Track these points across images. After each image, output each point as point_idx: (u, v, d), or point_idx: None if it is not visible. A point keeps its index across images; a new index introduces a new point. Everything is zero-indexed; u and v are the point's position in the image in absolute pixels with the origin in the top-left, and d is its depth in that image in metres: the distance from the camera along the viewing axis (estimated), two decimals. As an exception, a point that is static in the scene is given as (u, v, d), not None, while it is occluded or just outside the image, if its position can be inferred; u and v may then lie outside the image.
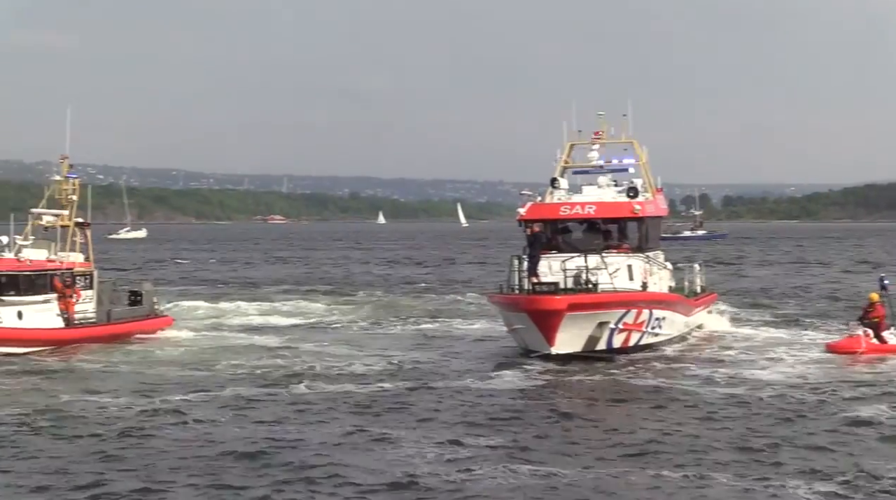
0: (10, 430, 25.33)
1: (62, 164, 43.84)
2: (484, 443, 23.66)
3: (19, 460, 22.50)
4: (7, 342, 38.02)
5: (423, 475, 20.79)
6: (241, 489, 20.06)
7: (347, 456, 22.45)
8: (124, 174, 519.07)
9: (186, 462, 22.04)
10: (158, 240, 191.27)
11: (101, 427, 25.37)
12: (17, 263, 39.95)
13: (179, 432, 25.03)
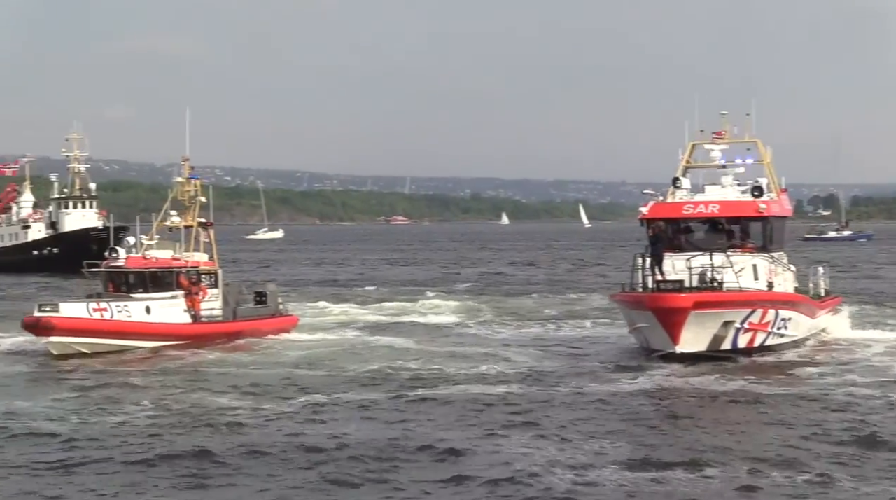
0: (138, 425, 25.86)
1: (184, 166, 44.78)
2: (603, 447, 23.40)
3: (142, 454, 22.90)
4: (135, 336, 39.10)
5: (543, 479, 20.64)
6: (361, 491, 20.20)
7: (468, 459, 22.41)
8: (250, 176, 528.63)
9: (310, 464, 22.19)
10: (294, 241, 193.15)
11: (226, 427, 25.67)
12: (143, 260, 41.05)
13: (304, 432, 25.17)
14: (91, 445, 23.81)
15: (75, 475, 21.26)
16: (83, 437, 24.60)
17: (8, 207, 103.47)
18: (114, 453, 22.94)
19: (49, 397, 29.61)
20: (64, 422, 26.19)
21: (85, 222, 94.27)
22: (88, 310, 38.50)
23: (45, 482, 20.91)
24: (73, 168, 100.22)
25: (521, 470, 21.26)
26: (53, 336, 37.85)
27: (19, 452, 23.14)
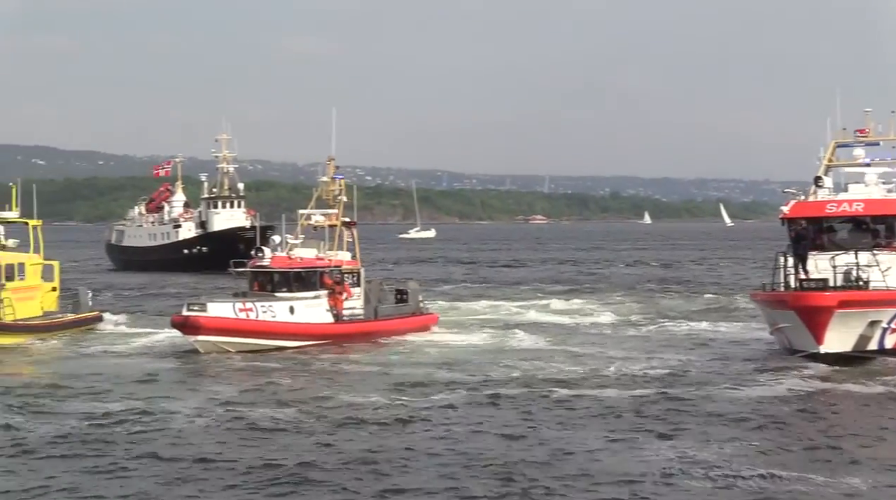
0: (283, 423, 26.38)
1: (329, 165, 45.55)
2: (742, 450, 23.16)
3: (283, 451, 23.47)
4: (279, 336, 39.89)
5: (679, 481, 20.61)
6: (493, 490, 20.32)
7: (602, 461, 22.41)
8: (390, 175, 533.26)
9: (444, 461, 22.46)
10: (445, 239, 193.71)
11: (369, 425, 26.04)
12: (288, 260, 41.82)
13: (440, 431, 25.41)
14: (234, 442, 24.30)
15: (214, 471, 21.70)
16: (226, 435, 25.13)
17: (160, 207, 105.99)
18: (260, 451, 23.39)
19: (193, 395, 30.37)
20: (208, 419, 26.81)
21: (233, 222, 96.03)
22: (235, 310, 39.31)
23: (188, 475, 21.46)
24: (221, 168, 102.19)
25: (656, 472, 21.22)
26: (201, 335, 38.72)
27: (161, 448, 23.67)
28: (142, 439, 24.52)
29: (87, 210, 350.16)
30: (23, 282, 43.37)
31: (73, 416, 27.08)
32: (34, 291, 44.14)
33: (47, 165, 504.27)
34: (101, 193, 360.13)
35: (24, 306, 42.88)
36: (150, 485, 20.69)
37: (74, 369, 35.44)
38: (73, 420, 26.52)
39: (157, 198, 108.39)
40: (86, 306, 46.41)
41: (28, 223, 45.99)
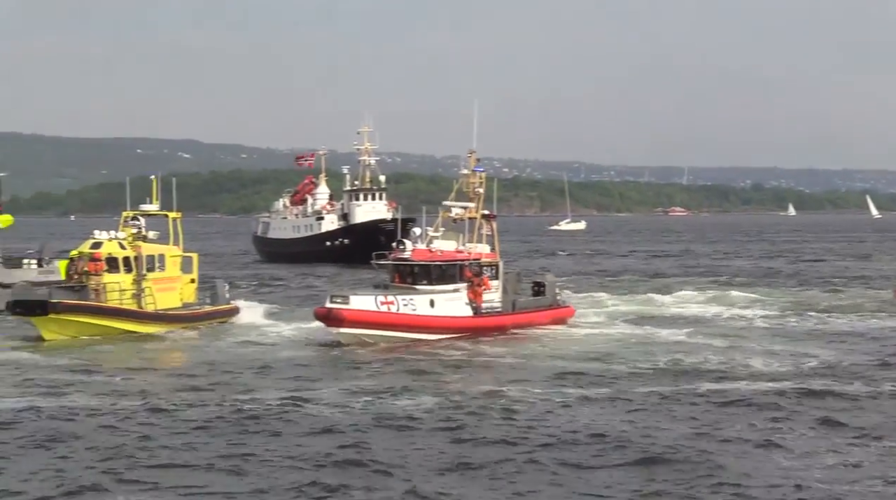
0: (425, 415, 26.11)
1: (469, 158, 45.20)
2: (876, 451, 22.34)
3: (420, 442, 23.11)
4: (419, 329, 39.86)
5: (814, 483, 19.85)
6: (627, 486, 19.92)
7: (737, 458, 21.77)
8: (528, 167, 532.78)
9: (580, 456, 22.01)
10: (596, 232, 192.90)
11: (517, 417, 25.72)
12: (429, 253, 41.65)
13: (572, 424, 24.96)
14: (374, 432, 24.19)
15: (367, 467, 21.50)
16: (366, 424, 25.01)
17: (304, 199, 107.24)
18: (400, 443, 23.23)
19: (333, 387, 30.33)
20: (347, 410, 26.71)
21: (375, 214, 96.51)
22: (376, 303, 39.50)
23: (332, 465, 21.32)
24: (363, 161, 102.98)
25: (788, 471, 20.62)
26: (343, 327, 39.04)
27: (302, 437, 23.72)
28: (282, 429, 24.50)
29: (231, 202, 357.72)
30: (163, 273, 44.06)
31: (213, 405, 27.25)
32: (174, 282, 44.77)
33: (192, 159, 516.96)
34: (244, 185, 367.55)
35: (164, 297, 43.57)
36: (289, 475, 20.60)
37: (212, 359, 35.82)
38: (214, 408, 26.75)
39: (302, 190, 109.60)
40: (223, 299, 46.95)
41: (168, 216, 46.71)
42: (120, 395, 28.67)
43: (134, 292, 42.32)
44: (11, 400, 27.78)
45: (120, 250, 42.54)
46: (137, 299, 42.45)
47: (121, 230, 43.70)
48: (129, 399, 28.02)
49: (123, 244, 42.89)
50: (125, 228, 43.86)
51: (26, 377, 31.63)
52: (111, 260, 42.07)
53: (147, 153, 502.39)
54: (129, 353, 36.95)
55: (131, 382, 30.94)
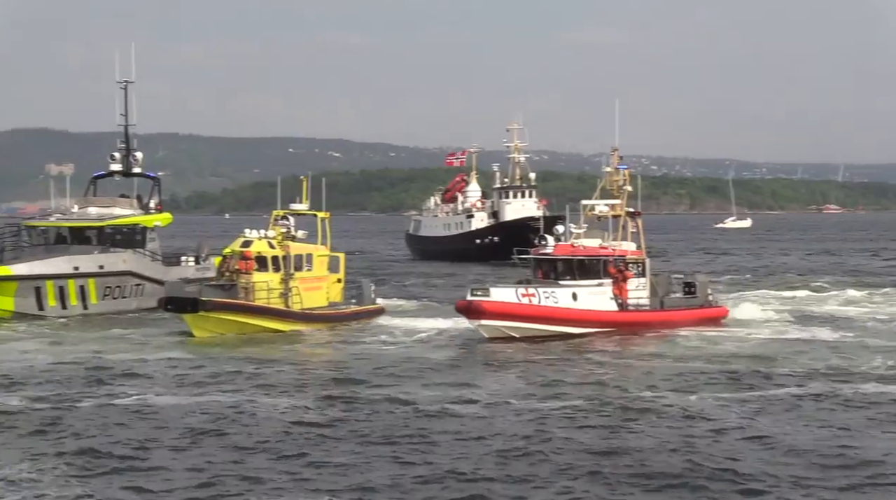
0: (570, 412, 25.89)
1: (613, 155, 44.88)
2: None
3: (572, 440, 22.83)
4: (561, 322, 39.83)
5: None
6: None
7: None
8: (676, 165, 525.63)
9: (739, 461, 21.50)
10: (764, 230, 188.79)
11: (662, 419, 25.38)
12: (571, 248, 41.56)
13: (751, 430, 24.42)
14: (520, 431, 24.02)
15: (514, 463, 21.39)
16: (508, 418, 24.95)
17: (455, 197, 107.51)
18: (553, 442, 23.05)
19: (475, 385, 30.30)
20: (490, 405, 26.64)
21: (524, 212, 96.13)
22: (517, 295, 39.50)
23: (470, 459, 21.22)
24: (513, 158, 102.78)
25: None
26: (484, 320, 39.14)
27: (443, 430, 23.86)
28: (429, 425, 24.63)
29: (380, 201, 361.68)
30: (310, 272, 44.56)
31: (360, 401, 27.56)
32: (321, 281, 45.26)
33: (342, 157, 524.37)
34: (393, 183, 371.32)
35: (311, 296, 44.08)
36: (439, 471, 20.69)
37: (354, 358, 36.06)
38: (361, 405, 27.07)
39: (453, 188, 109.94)
40: (368, 298, 47.33)
41: (316, 215, 47.30)
42: (263, 393, 29.04)
43: (282, 291, 42.96)
44: (163, 396, 28.42)
45: (269, 249, 43.20)
46: (285, 298, 43.05)
47: (270, 229, 44.41)
48: (270, 397, 28.36)
49: (273, 243, 43.53)
50: (275, 228, 44.53)
51: (176, 373, 32.37)
52: (260, 259, 42.74)
53: (298, 152, 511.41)
54: (274, 351, 37.48)
55: (275, 380, 31.33)
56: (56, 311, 47.97)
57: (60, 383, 30.52)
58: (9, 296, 47.00)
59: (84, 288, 49.06)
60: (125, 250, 51.65)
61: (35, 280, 47.61)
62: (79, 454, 22.16)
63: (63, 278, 48.42)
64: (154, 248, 53.46)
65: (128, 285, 50.93)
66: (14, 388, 29.78)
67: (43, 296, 47.84)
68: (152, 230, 53.65)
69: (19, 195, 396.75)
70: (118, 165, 56.84)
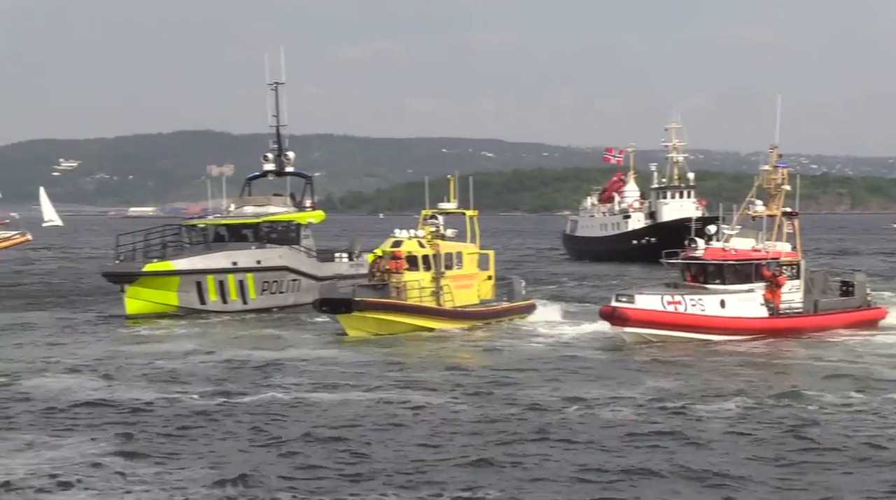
0: (718, 422, 25.52)
1: (771, 154, 43.80)
2: None
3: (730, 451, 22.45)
4: (708, 330, 38.98)
5: None
6: None
7: None
8: (837, 164, 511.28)
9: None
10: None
11: (819, 429, 24.67)
12: (722, 252, 40.74)
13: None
14: (672, 436, 23.77)
15: (657, 477, 21.07)
16: (657, 428, 24.58)
17: (611, 197, 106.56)
18: (701, 453, 22.68)
19: (623, 381, 30.18)
20: (631, 412, 26.37)
21: (682, 212, 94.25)
22: (663, 302, 38.89)
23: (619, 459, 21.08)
24: (671, 158, 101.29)
25: None
26: (628, 327, 38.66)
27: (592, 430, 23.71)
28: (563, 430, 24.43)
29: (533, 200, 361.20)
30: (460, 271, 44.79)
31: (508, 400, 27.60)
32: (471, 279, 45.46)
33: (495, 157, 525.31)
34: (546, 183, 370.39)
35: (461, 294, 44.35)
36: (567, 476, 20.46)
37: (509, 355, 36.14)
38: (497, 405, 27.06)
39: (610, 188, 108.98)
40: (519, 296, 47.31)
41: (465, 214, 47.47)
42: (414, 390, 29.34)
43: (433, 289, 43.31)
44: (316, 393, 28.89)
45: (419, 249, 43.56)
46: (436, 297, 43.39)
47: (420, 229, 44.83)
48: (422, 395, 28.59)
49: (423, 243, 43.87)
50: (424, 227, 44.92)
51: (330, 371, 32.91)
52: (411, 258, 43.12)
53: (452, 152, 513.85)
54: (427, 349, 37.82)
55: (427, 378, 31.62)
56: (217, 305, 49.33)
57: (220, 380, 31.26)
58: (172, 291, 48.50)
59: (243, 283, 50.36)
60: (280, 246, 52.82)
61: (196, 275, 49.04)
62: (234, 451, 22.69)
63: (223, 272, 49.77)
64: (308, 244, 54.53)
65: (284, 280, 52.07)
66: (175, 384, 30.63)
67: (204, 290, 49.25)
68: (306, 227, 54.71)
69: (182, 196, 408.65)
70: (271, 165, 58.23)
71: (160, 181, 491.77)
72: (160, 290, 48.27)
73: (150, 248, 51.38)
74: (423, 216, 45.78)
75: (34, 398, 28.10)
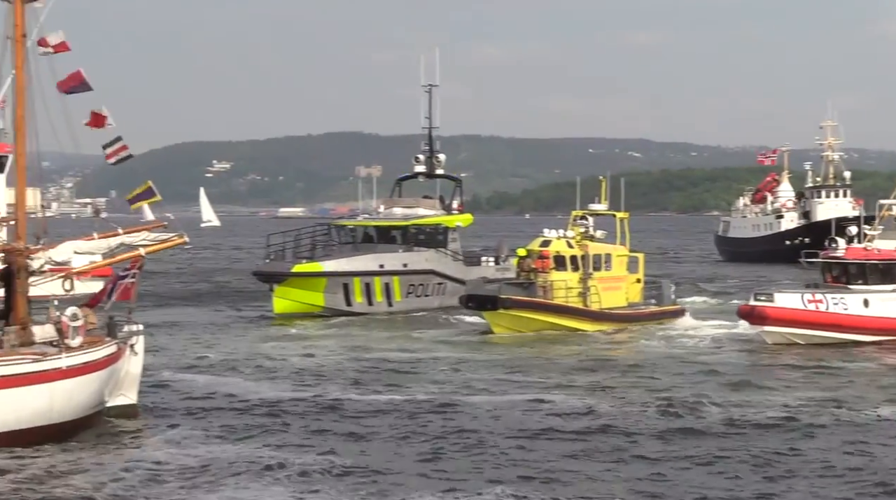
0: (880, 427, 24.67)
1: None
2: None
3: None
4: (851, 330, 38.34)
5: None
6: None
7: None
8: None
9: None
10: None
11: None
12: (864, 252, 39.92)
13: None
14: (822, 444, 23.16)
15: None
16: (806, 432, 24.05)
17: (764, 197, 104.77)
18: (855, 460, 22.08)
19: (767, 386, 29.65)
20: (792, 414, 25.79)
21: (838, 212, 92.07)
22: (803, 301, 38.25)
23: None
24: (826, 157, 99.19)
25: None
26: (767, 326, 38.13)
27: (718, 444, 23.06)
28: (722, 432, 24.01)
29: (681, 201, 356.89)
30: (609, 272, 44.53)
31: (638, 403, 27.29)
32: (619, 281, 45.12)
33: (643, 158, 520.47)
34: (694, 183, 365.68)
35: (609, 296, 44.05)
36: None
37: (652, 358, 35.81)
38: (645, 407, 26.79)
39: (763, 188, 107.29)
40: (668, 299, 46.86)
41: (615, 215, 47.20)
42: (554, 391, 29.16)
43: (580, 290, 43.04)
44: (457, 395, 28.77)
45: (567, 249, 43.39)
46: (583, 297, 43.15)
47: (569, 229, 44.62)
48: (561, 395, 28.46)
49: (571, 243, 43.72)
50: (573, 228, 44.75)
51: (471, 372, 32.79)
52: (558, 258, 43.01)
53: (598, 153, 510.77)
54: (570, 350, 37.68)
55: (572, 379, 31.46)
56: (363, 307, 49.77)
57: (361, 379, 31.49)
58: (319, 291, 49.11)
59: (389, 285, 50.72)
60: (428, 249, 53.08)
61: (343, 277, 49.57)
62: (374, 449, 22.80)
63: (369, 275, 50.20)
64: (455, 248, 54.65)
65: (430, 283, 52.28)
66: (318, 382, 30.92)
67: (350, 292, 49.74)
68: (454, 230, 54.86)
69: (331, 197, 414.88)
70: (422, 166, 58.68)
71: (309, 182, 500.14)
72: (308, 290, 48.91)
73: (300, 248, 52.19)
74: (573, 217, 45.60)
75: (183, 393, 28.70)
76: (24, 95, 24.29)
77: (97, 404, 24.32)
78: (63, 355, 22.86)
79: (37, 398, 22.24)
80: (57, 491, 19.34)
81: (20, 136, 24.54)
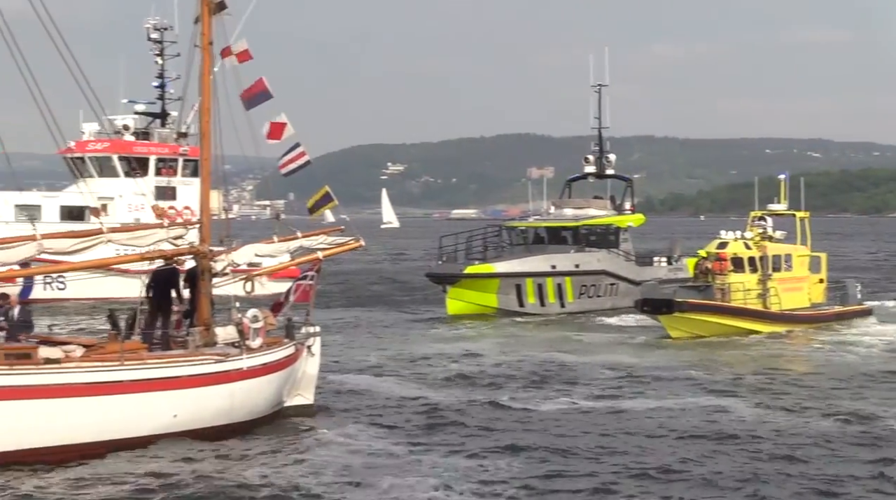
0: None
1: None
2: None
3: None
4: None
5: None
6: None
7: None
8: None
9: None
10: None
11: None
12: None
13: None
14: None
15: None
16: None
17: None
18: None
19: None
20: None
21: None
22: None
23: None
24: None
25: None
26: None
27: None
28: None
29: (862, 201, 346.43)
30: (789, 273, 43.76)
31: (814, 410, 26.22)
32: (800, 282, 44.30)
33: (822, 158, 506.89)
34: (877, 184, 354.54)
35: (790, 297, 43.28)
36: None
37: (828, 362, 34.91)
38: (808, 415, 25.77)
39: None
40: (853, 299, 45.72)
41: (795, 215, 46.22)
42: (726, 397, 28.53)
43: (759, 291, 42.24)
44: (626, 401, 28.38)
45: (745, 250, 42.65)
46: (763, 299, 42.35)
47: (748, 230, 43.84)
48: (731, 400, 27.77)
49: (749, 244, 43.00)
50: (752, 228, 43.95)
51: (641, 376, 32.29)
52: (736, 260, 42.29)
53: (775, 153, 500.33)
54: (749, 353, 37.00)
55: (741, 383, 30.90)
56: (535, 308, 49.67)
57: (530, 381, 31.22)
58: (492, 293, 49.20)
59: (561, 286, 50.53)
60: (599, 249, 52.77)
61: (516, 278, 49.56)
62: (551, 452, 22.52)
63: (542, 276, 50.09)
64: (627, 248, 54.22)
65: (602, 284, 51.90)
66: (484, 384, 30.82)
67: (523, 293, 49.70)
68: (625, 231, 54.44)
69: (502, 198, 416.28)
70: (592, 167, 58.68)
71: (482, 184, 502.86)
72: (480, 292, 49.04)
73: (472, 249, 52.43)
74: (752, 218, 44.77)
75: (358, 393, 28.76)
76: (210, 101, 24.85)
77: (276, 405, 24.70)
78: (244, 356, 23.29)
79: (219, 398, 22.65)
80: (227, 482, 19.61)
81: (205, 141, 25.15)
